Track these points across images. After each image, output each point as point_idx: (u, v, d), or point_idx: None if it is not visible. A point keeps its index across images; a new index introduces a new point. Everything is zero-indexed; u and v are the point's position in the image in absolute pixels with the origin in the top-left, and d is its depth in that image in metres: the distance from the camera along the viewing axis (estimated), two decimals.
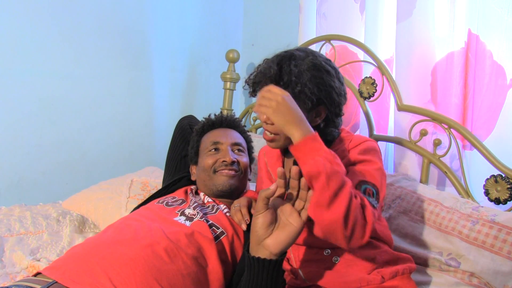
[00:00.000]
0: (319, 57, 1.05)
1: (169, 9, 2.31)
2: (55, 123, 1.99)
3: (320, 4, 1.92)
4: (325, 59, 1.06)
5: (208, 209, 1.22)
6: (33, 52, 1.89)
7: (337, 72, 1.07)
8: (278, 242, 0.87)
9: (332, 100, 1.04)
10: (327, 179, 0.85)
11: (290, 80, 1.00)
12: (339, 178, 0.86)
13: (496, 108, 1.39)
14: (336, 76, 1.05)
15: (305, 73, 1.00)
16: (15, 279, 1.21)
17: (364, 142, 1.06)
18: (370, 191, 0.96)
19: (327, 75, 1.03)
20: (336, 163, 0.88)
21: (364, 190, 0.96)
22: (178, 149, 1.49)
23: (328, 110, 1.05)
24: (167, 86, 2.37)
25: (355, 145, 1.06)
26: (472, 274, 1.17)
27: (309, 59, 1.03)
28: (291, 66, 1.01)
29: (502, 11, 1.36)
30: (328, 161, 0.86)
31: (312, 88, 1.00)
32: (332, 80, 1.03)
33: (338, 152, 1.03)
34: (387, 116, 1.72)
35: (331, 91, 1.02)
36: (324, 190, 0.85)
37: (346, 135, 1.11)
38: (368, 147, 1.05)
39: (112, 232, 1.09)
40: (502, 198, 1.27)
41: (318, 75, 1.01)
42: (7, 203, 1.71)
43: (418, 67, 1.54)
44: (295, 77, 0.99)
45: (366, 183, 0.97)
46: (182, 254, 1.02)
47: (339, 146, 1.07)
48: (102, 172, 2.09)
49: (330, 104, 1.04)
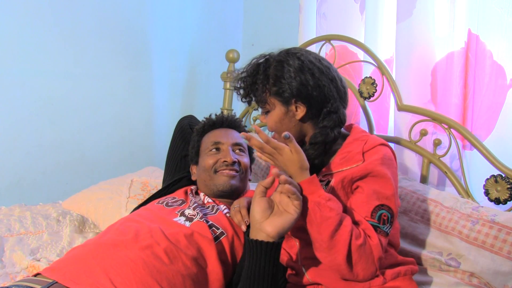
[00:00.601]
0: (287, 56, 1.08)
1: (169, 9, 2.31)
2: (55, 123, 1.99)
3: (320, 4, 1.92)
4: (314, 57, 1.09)
5: (208, 210, 1.22)
6: (33, 52, 1.89)
7: (325, 68, 1.08)
8: (274, 225, 0.91)
9: (309, 95, 1.05)
10: (318, 227, 0.92)
11: (267, 78, 1.07)
12: (331, 223, 0.90)
13: (496, 108, 1.39)
14: (317, 72, 1.06)
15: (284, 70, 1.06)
16: (15, 279, 1.21)
17: (380, 147, 1.04)
18: (385, 217, 0.97)
19: (300, 70, 1.05)
20: (327, 207, 0.91)
21: (379, 216, 0.97)
22: (178, 149, 1.49)
23: (306, 105, 1.06)
24: (167, 86, 2.37)
25: (370, 148, 1.03)
26: (472, 274, 1.17)
27: (282, 54, 1.09)
28: (261, 73, 1.08)
29: (502, 11, 1.36)
30: (317, 207, 0.91)
31: (280, 85, 1.05)
32: (308, 75, 1.05)
33: (351, 154, 1.04)
34: (387, 116, 1.72)
35: (299, 86, 1.04)
36: (317, 238, 0.92)
37: (360, 135, 1.09)
38: (385, 157, 1.02)
39: (112, 233, 1.09)
40: (502, 198, 1.27)
41: (279, 73, 1.06)
42: (7, 203, 1.71)
43: (418, 67, 1.54)
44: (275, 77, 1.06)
45: (382, 207, 0.97)
46: (182, 255, 1.02)
47: (353, 148, 1.05)
48: (102, 172, 2.09)
49: (305, 98, 1.05)
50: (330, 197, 0.93)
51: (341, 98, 1.11)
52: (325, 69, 1.08)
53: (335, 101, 1.08)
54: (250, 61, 1.13)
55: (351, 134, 1.11)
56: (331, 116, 1.07)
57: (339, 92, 1.09)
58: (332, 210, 0.91)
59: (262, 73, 1.08)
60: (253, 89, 1.10)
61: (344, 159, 1.04)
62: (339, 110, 1.09)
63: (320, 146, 1.06)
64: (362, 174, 1.00)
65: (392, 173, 1.02)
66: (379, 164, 1.00)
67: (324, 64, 1.09)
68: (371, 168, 0.99)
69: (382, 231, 0.96)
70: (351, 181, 1.01)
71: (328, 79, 1.07)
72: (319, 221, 0.91)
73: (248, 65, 1.13)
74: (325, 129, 1.06)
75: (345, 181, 1.01)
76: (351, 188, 1.02)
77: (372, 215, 0.96)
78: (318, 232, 0.92)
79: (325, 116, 1.07)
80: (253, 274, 0.91)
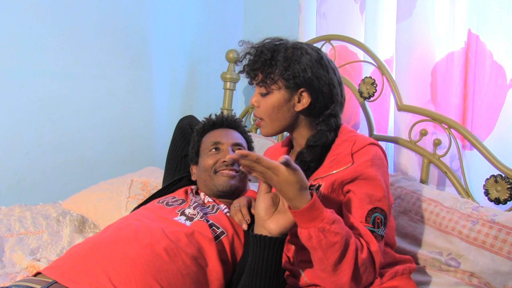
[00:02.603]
0: (305, 46, 1.08)
1: (169, 9, 2.31)
2: (55, 123, 1.99)
3: (320, 4, 1.92)
4: (315, 49, 1.09)
5: (208, 209, 1.22)
6: (33, 52, 1.89)
7: (337, 71, 1.10)
8: (277, 224, 0.91)
9: (319, 89, 1.05)
10: (324, 253, 0.87)
11: (276, 63, 1.05)
12: (337, 248, 0.87)
13: (496, 108, 1.39)
14: (331, 71, 1.07)
15: (286, 55, 1.05)
16: (15, 279, 1.21)
17: (369, 147, 1.02)
18: (379, 220, 0.97)
19: (317, 62, 1.05)
20: (332, 232, 0.85)
21: (373, 220, 0.96)
22: (178, 149, 1.49)
23: (312, 98, 1.05)
24: (167, 86, 2.37)
25: (358, 149, 1.02)
26: (472, 274, 1.17)
27: (299, 43, 1.09)
28: (281, 52, 1.06)
29: (502, 11, 1.36)
30: (322, 233, 0.85)
31: (295, 69, 1.04)
32: (323, 71, 1.05)
33: (340, 156, 1.03)
34: (387, 116, 1.72)
35: (313, 77, 1.04)
36: (323, 261, 0.89)
37: (348, 135, 1.07)
38: (375, 157, 1.01)
39: (111, 231, 1.09)
40: (502, 198, 1.27)
41: (297, 57, 1.05)
42: (7, 203, 1.71)
43: (418, 67, 1.54)
44: (282, 61, 1.05)
45: (375, 211, 0.97)
46: (182, 254, 1.02)
47: (342, 150, 1.05)
48: (102, 172, 2.09)
49: (314, 91, 1.05)
50: (334, 218, 0.87)
51: (341, 104, 1.11)
52: (337, 71, 1.10)
53: (337, 105, 1.09)
54: (262, 40, 1.11)
55: (339, 135, 1.09)
56: (331, 120, 1.07)
57: (342, 97, 1.10)
58: (338, 235, 0.86)
59: (282, 53, 1.06)
60: (267, 64, 1.05)
61: (333, 162, 1.04)
62: (338, 115, 1.10)
63: (318, 149, 1.05)
64: (352, 177, 0.99)
65: (383, 173, 1.01)
66: (369, 166, 0.99)
67: (336, 67, 1.11)
68: (361, 171, 0.98)
69: (377, 235, 0.96)
70: (341, 184, 1.00)
71: (337, 82, 1.08)
72: (325, 248, 0.86)
73: (262, 43, 1.11)
74: (324, 132, 1.06)
75: (335, 184, 1.01)
76: (342, 191, 1.01)
77: (367, 219, 0.96)
78: (324, 257, 0.88)
79: (325, 118, 1.07)
80: (257, 269, 0.92)
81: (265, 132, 1.11)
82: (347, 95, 1.57)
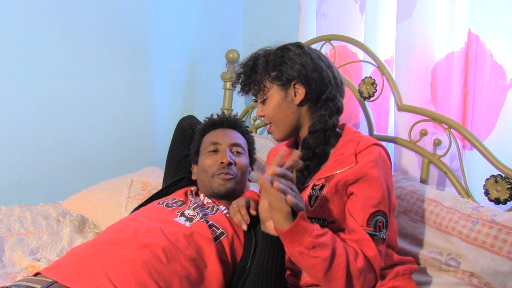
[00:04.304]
0: (286, 44, 1.13)
1: (169, 9, 2.31)
2: (55, 123, 1.99)
3: (320, 4, 1.92)
4: (296, 44, 1.13)
5: (208, 210, 1.22)
6: (33, 52, 1.89)
7: (322, 56, 1.13)
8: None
9: (308, 76, 1.07)
10: (308, 270, 0.93)
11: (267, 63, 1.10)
12: (318, 269, 0.88)
13: (496, 108, 1.39)
14: (315, 57, 1.10)
15: (276, 53, 1.10)
16: (15, 279, 1.21)
17: (373, 147, 1.02)
18: (380, 223, 0.97)
19: (299, 55, 1.09)
20: (310, 256, 0.87)
21: (375, 224, 0.97)
22: (179, 149, 1.49)
23: (306, 88, 1.08)
24: (167, 86, 2.37)
25: (363, 149, 1.02)
26: (472, 274, 1.17)
27: (281, 45, 1.14)
28: (261, 57, 1.12)
29: (502, 11, 1.36)
30: (301, 256, 0.87)
31: (281, 67, 1.08)
32: (307, 58, 1.08)
33: (344, 156, 1.03)
34: (387, 116, 1.72)
35: (298, 66, 1.07)
36: (312, 274, 0.93)
37: (353, 136, 1.08)
38: (379, 158, 1.01)
39: (111, 232, 1.09)
40: (502, 198, 1.27)
41: (278, 57, 1.09)
42: (7, 203, 1.71)
43: (418, 67, 1.54)
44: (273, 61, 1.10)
45: (377, 214, 0.97)
46: (180, 255, 1.02)
47: (346, 150, 1.05)
48: (102, 172, 2.09)
49: (305, 79, 1.07)
50: (315, 243, 0.86)
51: (338, 86, 1.12)
52: (322, 56, 1.13)
53: (332, 88, 1.10)
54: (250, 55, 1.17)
55: (343, 135, 1.10)
56: (328, 104, 1.09)
57: (335, 79, 1.12)
58: (316, 258, 0.87)
59: (262, 58, 1.11)
60: (253, 72, 1.11)
61: (337, 162, 1.04)
62: (336, 98, 1.10)
63: (320, 134, 1.06)
64: (355, 177, 0.99)
65: (386, 174, 1.01)
66: (372, 167, 0.99)
67: (321, 53, 1.14)
68: (364, 172, 0.99)
69: (379, 238, 0.96)
70: (345, 185, 1.01)
71: (325, 65, 1.11)
72: (306, 267, 0.91)
73: (249, 56, 1.16)
74: (323, 117, 1.07)
75: (339, 185, 1.01)
76: (346, 192, 1.02)
77: (368, 223, 0.96)
78: (310, 274, 0.94)
79: (323, 103, 1.09)
80: (264, 266, 0.95)
81: (276, 136, 1.14)
82: (347, 95, 1.57)
